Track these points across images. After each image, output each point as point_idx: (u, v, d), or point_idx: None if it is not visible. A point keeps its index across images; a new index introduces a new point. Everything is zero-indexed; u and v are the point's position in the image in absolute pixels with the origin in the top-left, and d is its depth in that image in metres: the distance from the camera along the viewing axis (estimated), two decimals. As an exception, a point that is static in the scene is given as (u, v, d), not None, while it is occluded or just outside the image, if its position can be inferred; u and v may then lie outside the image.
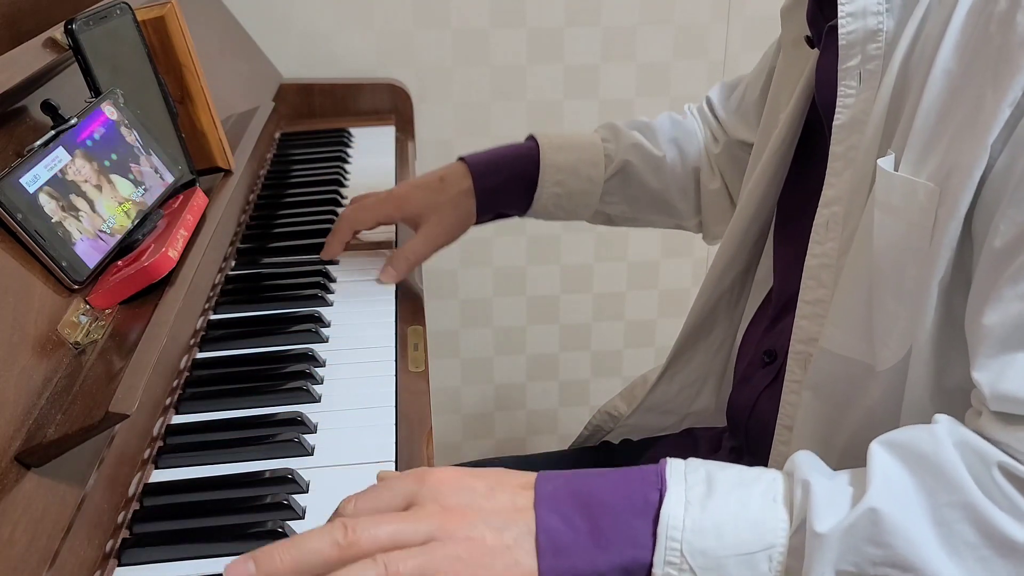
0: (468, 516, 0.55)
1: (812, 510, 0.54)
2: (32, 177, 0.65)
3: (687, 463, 0.59)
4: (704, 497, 0.56)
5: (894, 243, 0.64)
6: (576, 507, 0.56)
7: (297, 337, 0.85)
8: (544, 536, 0.55)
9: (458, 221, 0.99)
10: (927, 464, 0.55)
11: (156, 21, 0.86)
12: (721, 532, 0.55)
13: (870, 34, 0.66)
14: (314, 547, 0.52)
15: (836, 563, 0.54)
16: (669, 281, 1.77)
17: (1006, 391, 0.55)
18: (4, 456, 0.54)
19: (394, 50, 1.53)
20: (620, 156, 1.02)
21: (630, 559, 0.55)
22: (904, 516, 0.53)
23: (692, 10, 1.57)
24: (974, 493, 0.53)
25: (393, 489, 0.57)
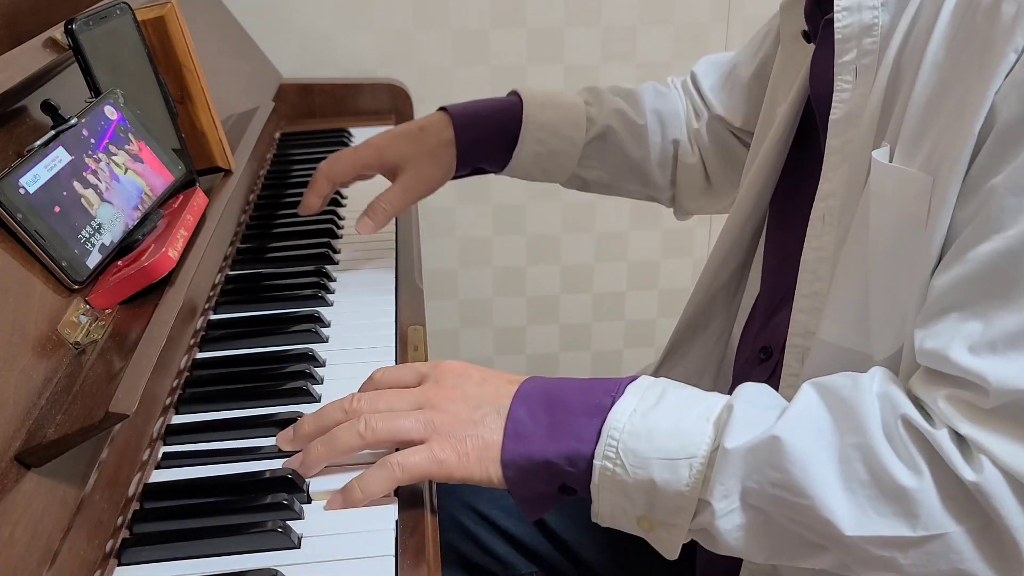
0: (453, 394, 0.67)
1: (727, 428, 0.61)
2: (32, 177, 0.65)
3: (654, 380, 0.67)
4: (651, 408, 0.64)
5: (889, 233, 0.65)
6: (543, 404, 0.66)
7: (297, 337, 0.85)
8: (511, 423, 0.65)
9: (438, 172, 0.98)
10: (843, 405, 0.60)
11: (156, 21, 0.86)
12: (653, 437, 0.62)
13: (865, 28, 0.67)
14: (329, 413, 0.67)
15: (741, 479, 0.61)
16: (669, 281, 1.77)
17: (929, 347, 0.59)
18: (4, 456, 0.54)
19: (394, 50, 1.53)
20: (602, 120, 1.01)
21: (574, 449, 0.64)
22: (806, 448, 0.59)
23: (692, 10, 1.57)
24: (878, 438, 0.59)
25: (412, 368, 0.70)
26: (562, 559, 0.96)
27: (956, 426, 0.57)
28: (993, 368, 0.56)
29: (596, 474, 0.63)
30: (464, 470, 0.64)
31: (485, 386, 0.68)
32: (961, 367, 0.57)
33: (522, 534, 0.96)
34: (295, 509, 0.64)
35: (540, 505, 0.68)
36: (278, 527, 0.61)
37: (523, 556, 0.96)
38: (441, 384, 0.68)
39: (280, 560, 0.60)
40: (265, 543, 0.61)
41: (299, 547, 0.61)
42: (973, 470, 0.56)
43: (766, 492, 0.60)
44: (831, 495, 0.59)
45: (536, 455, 0.64)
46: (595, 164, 1.03)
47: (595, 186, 1.07)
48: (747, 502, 0.61)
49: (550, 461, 0.64)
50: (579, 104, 1.02)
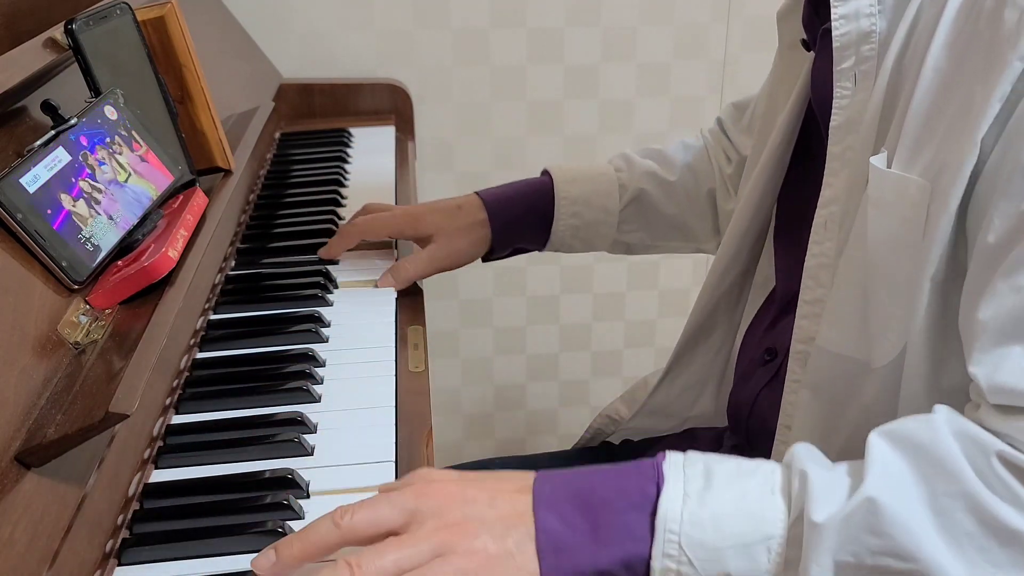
0: (470, 528, 0.56)
1: (810, 500, 0.54)
2: (32, 177, 0.65)
3: (686, 456, 0.59)
4: (702, 490, 0.56)
5: (887, 240, 0.64)
6: (574, 506, 0.57)
7: (297, 337, 0.85)
8: (543, 537, 0.56)
9: (467, 248, 1.00)
10: (925, 453, 0.55)
11: (156, 21, 0.86)
12: (719, 524, 0.55)
13: (863, 35, 0.67)
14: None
15: (835, 553, 0.54)
16: (669, 281, 1.77)
17: (1003, 383, 0.55)
18: (4, 456, 0.54)
19: (394, 50, 1.53)
20: (634, 185, 1.03)
21: (630, 553, 0.55)
22: (902, 505, 0.53)
23: (692, 10, 1.57)
24: (973, 482, 0.53)
25: (392, 503, 0.57)
26: None
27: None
28: None
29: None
30: None
31: (499, 505, 0.57)
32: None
33: None
34: (295, 509, 0.64)
35: None
36: (278, 527, 0.61)
37: None
38: (446, 518, 0.56)
39: (280, 560, 0.60)
40: (265, 543, 0.61)
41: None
42: None
43: (864, 564, 0.54)
44: (940, 554, 0.53)
45: (585, 567, 0.55)
46: (635, 227, 1.04)
47: (639, 248, 1.07)
48: None
49: (603, 571, 0.56)
50: (609, 172, 1.04)
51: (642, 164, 1.04)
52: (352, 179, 1.26)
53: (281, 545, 0.56)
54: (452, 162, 1.61)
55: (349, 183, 1.24)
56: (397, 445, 0.71)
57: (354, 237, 0.99)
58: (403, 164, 1.32)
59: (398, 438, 0.72)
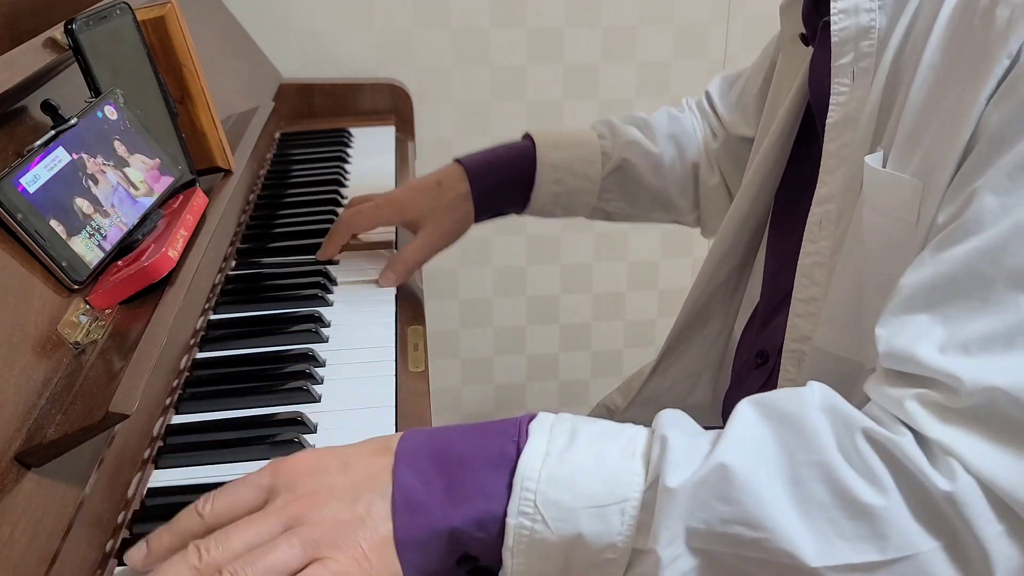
0: (319, 498, 0.55)
1: (666, 464, 0.53)
2: (32, 177, 0.65)
3: (557, 416, 0.58)
4: (564, 449, 0.55)
5: (881, 240, 0.64)
6: (432, 463, 0.56)
7: (297, 337, 0.85)
8: (399, 495, 0.55)
9: (456, 224, 1.00)
10: (790, 423, 0.54)
11: (156, 21, 0.86)
12: (576, 483, 0.54)
13: (862, 31, 0.66)
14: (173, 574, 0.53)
15: (686, 519, 0.53)
16: (669, 281, 1.77)
17: (896, 346, 0.55)
18: (4, 456, 0.54)
19: (394, 50, 1.53)
20: (617, 154, 1.02)
21: (483, 512, 0.54)
22: (756, 473, 0.53)
23: (692, 10, 1.57)
24: (832, 454, 0.52)
25: (248, 483, 0.57)
26: None
27: (925, 429, 0.52)
28: (967, 367, 0.52)
29: (511, 536, 0.54)
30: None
31: (352, 471, 0.56)
32: (931, 366, 0.53)
33: None
34: (295, 509, 0.64)
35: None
36: (278, 527, 0.61)
37: None
38: (297, 491, 0.55)
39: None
40: (265, 543, 0.61)
41: (299, 547, 0.61)
42: (945, 478, 0.51)
43: (714, 531, 0.53)
44: (789, 524, 0.52)
45: (438, 525, 0.54)
46: (615, 196, 1.04)
47: (618, 216, 1.07)
48: (691, 545, 0.54)
49: (455, 528, 0.54)
50: (592, 140, 1.03)
51: (626, 132, 1.03)
52: (352, 179, 1.26)
53: (152, 538, 0.56)
54: (452, 162, 1.61)
55: (349, 183, 1.24)
56: (397, 445, 0.71)
57: (344, 233, 0.99)
58: (403, 164, 1.32)
59: (398, 438, 0.72)
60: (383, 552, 0.54)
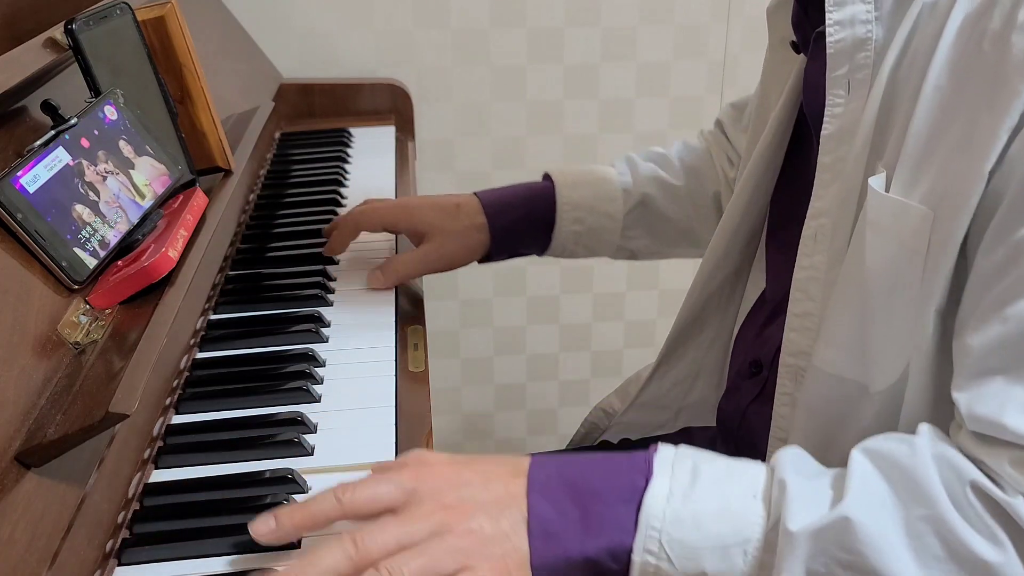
0: (466, 509, 0.58)
1: (787, 508, 0.56)
2: (32, 177, 0.65)
3: (677, 451, 0.61)
4: (687, 488, 0.58)
5: (885, 265, 0.63)
6: (567, 493, 0.59)
7: (297, 337, 0.85)
8: (535, 522, 0.58)
9: (461, 251, 0.97)
10: (904, 475, 0.56)
11: (156, 21, 0.86)
12: (699, 523, 0.56)
13: (859, 43, 0.65)
14: (328, 564, 0.55)
15: (807, 561, 0.55)
16: (669, 281, 1.77)
17: (980, 414, 0.56)
18: (4, 456, 0.54)
19: (394, 50, 1.53)
20: (638, 189, 1.01)
21: (616, 543, 0.57)
22: (876, 526, 0.54)
23: (692, 10, 1.57)
24: (947, 508, 0.54)
25: (392, 482, 0.59)
26: None
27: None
28: None
29: (636, 570, 0.57)
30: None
31: (493, 488, 0.59)
32: (1021, 434, 0.54)
33: None
34: (295, 509, 0.64)
35: None
36: (278, 527, 0.61)
37: None
38: (443, 499, 0.58)
39: (280, 560, 0.60)
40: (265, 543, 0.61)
41: (299, 547, 0.61)
42: None
43: (835, 574, 0.55)
44: (908, 574, 0.54)
45: (574, 554, 0.57)
46: (639, 233, 1.02)
47: (644, 254, 1.05)
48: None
49: (590, 559, 0.57)
50: (612, 177, 1.01)
51: (646, 168, 1.02)
52: (352, 179, 1.26)
53: (281, 513, 0.58)
54: (452, 162, 1.61)
55: (349, 183, 1.24)
56: (397, 445, 0.71)
57: (351, 228, 0.97)
58: (403, 164, 1.32)
59: (398, 438, 0.72)
60: (523, 571, 0.57)
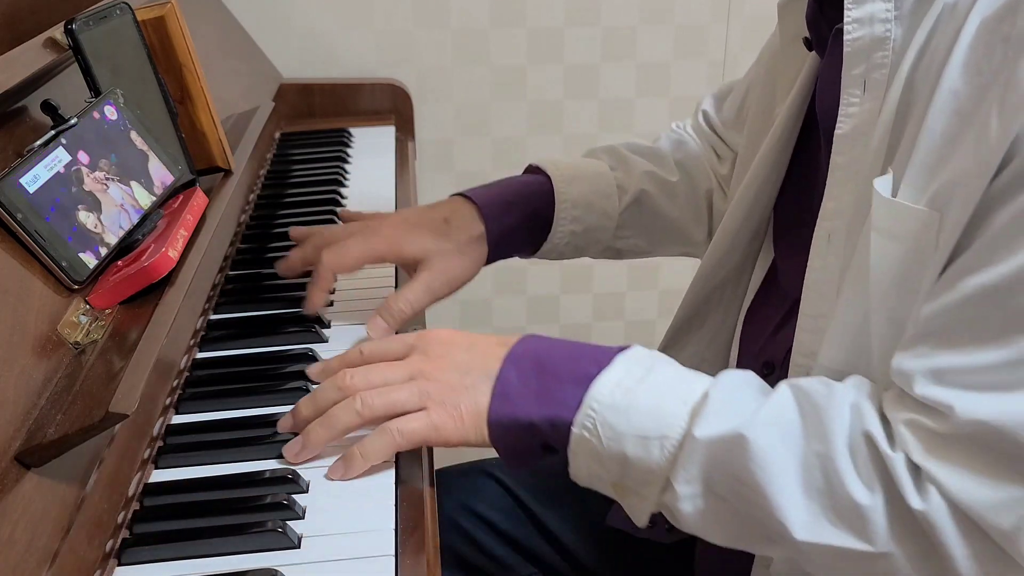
0: (443, 364, 0.69)
1: (699, 416, 0.62)
2: (32, 177, 0.65)
3: (644, 352, 0.68)
4: (635, 383, 0.65)
5: (889, 268, 0.62)
6: (533, 367, 0.68)
7: (297, 337, 0.85)
8: (500, 385, 0.68)
9: (464, 270, 0.88)
10: (816, 412, 0.61)
11: (156, 21, 0.86)
12: (631, 415, 0.64)
13: (877, 42, 0.63)
14: (325, 395, 0.69)
15: (704, 467, 0.62)
16: (669, 281, 1.77)
17: (902, 368, 0.59)
18: (4, 456, 0.54)
19: (394, 50, 1.53)
20: (634, 185, 0.96)
21: (556, 415, 0.66)
22: (772, 450, 0.60)
23: (692, 10, 1.57)
24: (840, 450, 0.59)
25: (399, 340, 0.73)
26: (561, 560, 0.96)
27: (910, 453, 0.57)
28: (959, 399, 0.55)
29: (573, 441, 0.65)
30: (460, 434, 0.67)
31: (473, 352, 0.70)
32: (925, 394, 0.57)
33: (521, 535, 0.96)
34: (295, 509, 0.64)
35: (523, 460, 0.70)
36: (278, 527, 0.61)
37: (522, 557, 0.96)
38: (429, 354, 0.70)
39: (280, 560, 0.60)
40: (265, 543, 0.61)
41: (299, 547, 0.61)
42: (920, 498, 0.57)
43: (728, 484, 0.62)
44: (788, 498, 0.59)
45: (521, 416, 0.66)
46: (631, 232, 0.98)
47: (629, 254, 1.01)
48: (711, 490, 0.63)
49: (533, 423, 0.66)
50: (605, 172, 0.96)
51: (638, 163, 0.98)
52: (352, 179, 1.26)
53: (327, 360, 0.76)
54: (452, 162, 1.61)
55: (349, 183, 1.24)
56: (397, 445, 0.71)
57: (328, 279, 0.86)
58: (403, 164, 1.32)
59: (398, 438, 0.72)
60: (476, 420, 0.67)
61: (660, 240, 1.00)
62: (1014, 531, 0.55)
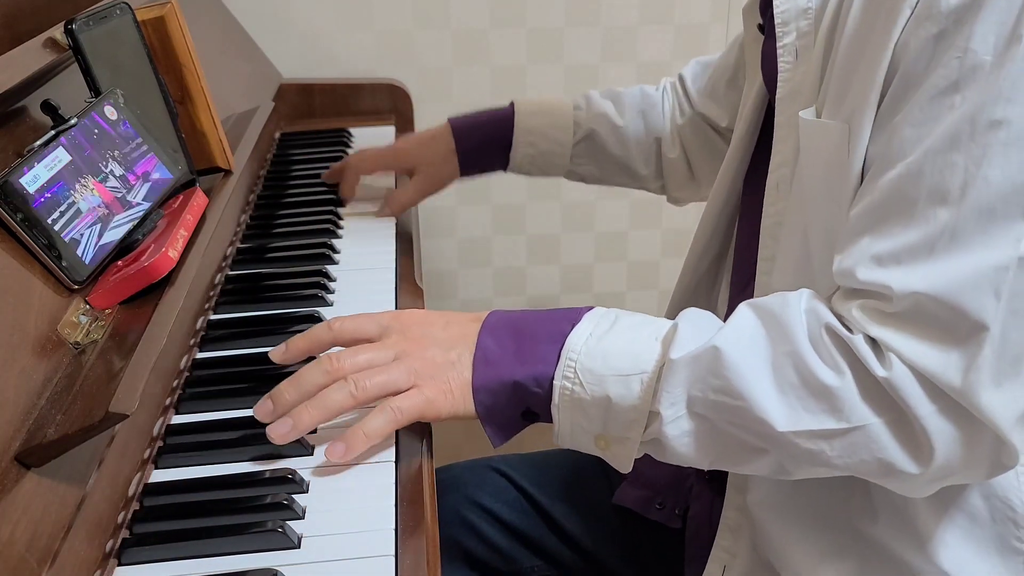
0: (425, 342, 0.72)
1: (672, 343, 0.67)
2: (32, 177, 0.65)
3: (609, 310, 0.73)
4: (605, 332, 0.70)
5: (818, 182, 0.71)
6: (509, 333, 0.72)
7: (297, 337, 0.85)
8: (480, 353, 0.71)
9: (445, 175, 1.15)
10: (775, 319, 0.67)
11: (156, 21, 0.87)
12: (607, 357, 0.68)
13: (801, 12, 0.74)
14: (311, 379, 0.70)
15: (686, 386, 0.67)
16: (669, 281, 1.77)
17: (841, 267, 0.66)
18: (4, 456, 0.54)
19: (394, 50, 1.53)
20: (587, 124, 1.13)
21: (539, 372, 0.70)
22: (743, 356, 0.65)
23: (692, 10, 1.57)
24: (804, 345, 0.65)
25: (372, 319, 0.74)
26: (566, 551, 0.97)
27: (868, 330, 0.63)
28: (895, 277, 0.62)
29: (556, 394, 0.69)
30: (451, 406, 0.70)
31: (450, 329, 0.73)
32: (867, 280, 0.63)
33: (525, 527, 0.97)
34: (295, 509, 0.64)
35: (506, 428, 0.73)
36: (278, 527, 0.61)
37: (528, 550, 0.97)
38: (409, 334, 0.73)
39: (280, 560, 0.60)
40: (265, 543, 0.61)
41: (299, 547, 0.61)
42: (884, 368, 0.62)
43: (708, 399, 0.66)
44: (765, 396, 0.65)
45: (505, 377, 0.70)
46: (585, 162, 1.16)
47: (590, 179, 1.18)
48: (692, 409, 0.67)
49: (518, 382, 0.70)
50: (568, 109, 1.14)
51: (599, 105, 1.14)
52: (352, 179, 1.25)
53: (291, 341, 0.74)
54: (452, 162, 1.61)
55: (349, 183, 1.24)
56: (397, 445, 0.71)
57: (352, 175, 1.15)
58: (403, 164, 1.32)
59: (398, 437, 0.72)
60: (464, 391, 0.71)
61: (609, 171, 1.17)
62: (965, 388, 0.61)
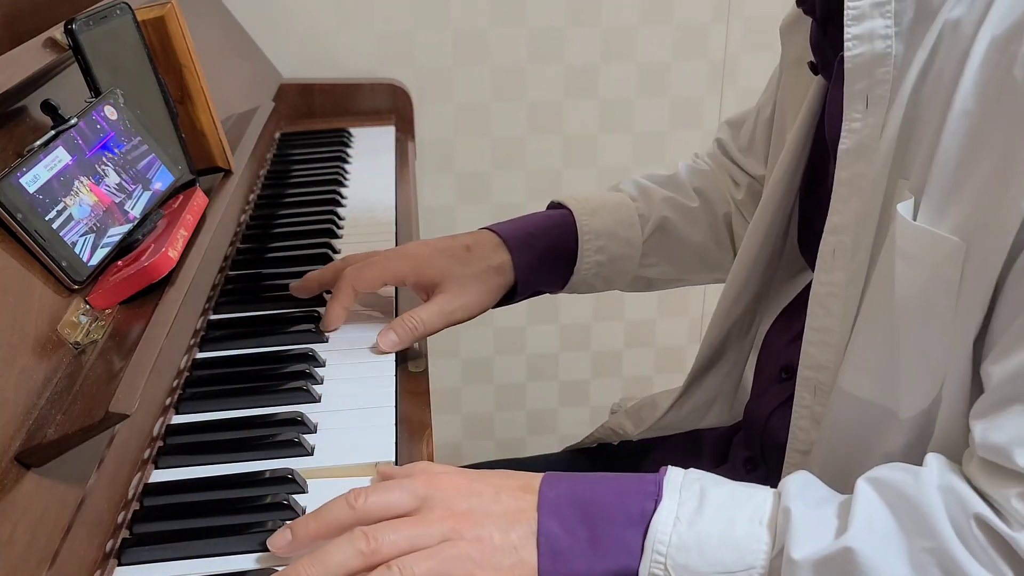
0: (477, 518, 0.60)
1: (790, 536, 0.57)
2: (32, 177, 0.65)
3: (685, 475, 0.62)
4: (694, 513, 0.59)
5: (916, 294, 0.62)
6: (576, 513, 0.60)
7: (297, 337, 0.85)
8: (544, 539, 0.59)
9: (481, 298, 0.88)
10: (909, 506, 0.57)
11: (156, 21, 0.86)
12: (704, 550, 0.58)
13: (878, 58, 0.63)
14: (340, 560, 0.57)
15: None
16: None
17: (992, 442, 0.56)
18: (4, 456, 0.54)
19: (394, 50, 1.53)
20: (655, 213, 0.97)
21: (622, 566, 0.59)
22: (880, 557, 0.55)
23: (692, 10, 1.57)
24: (951, 540, 0.55)
25: (404, 489, 0.61)
26: None
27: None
28: None
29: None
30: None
31: (503, 501, 0.61)
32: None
33: None
34: (295, 509, 0.64)
35: None
36: (278, 527, 0.61)
37: None
38: (454, 508, 0.61)
39: (280, 560, 0.60)
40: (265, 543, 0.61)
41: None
42: None
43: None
44: None
45: (580, 573, 0.59)
46: (657, 260, 0.98)
47: (660, 282, 1.01)
48: None
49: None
50: (626, 202, 0.97)
51: (657, 191, 0.98)
52: (352, 179, 1.26)
53: (296, 525, 0.60)
54: (452, 162, 1.61)
55: (349, 183, 1.24)
56: (397, 445, 0.71)
57: (348, 294, 0.85)
58: (403, 164, 1.32)
59: (398, 438, 0.72)
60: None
61: (686, 265, 1.00)
62: None
